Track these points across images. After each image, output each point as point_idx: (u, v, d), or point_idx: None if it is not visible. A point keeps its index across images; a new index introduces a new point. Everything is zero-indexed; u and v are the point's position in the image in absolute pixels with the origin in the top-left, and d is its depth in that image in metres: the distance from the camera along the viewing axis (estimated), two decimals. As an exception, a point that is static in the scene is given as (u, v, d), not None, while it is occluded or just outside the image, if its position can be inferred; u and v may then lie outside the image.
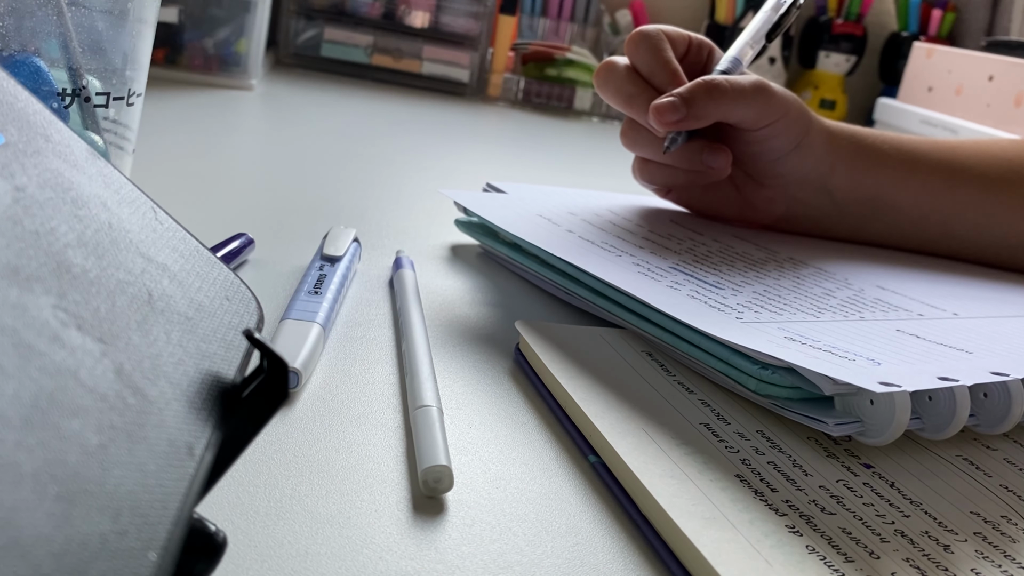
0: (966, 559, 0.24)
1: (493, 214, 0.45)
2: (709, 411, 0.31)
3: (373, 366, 0.33)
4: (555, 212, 0.47)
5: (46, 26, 0.36)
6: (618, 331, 0.37)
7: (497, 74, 1.18)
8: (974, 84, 1.08)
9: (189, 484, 0.15)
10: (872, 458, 0.30)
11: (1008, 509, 0.28)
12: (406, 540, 0.23)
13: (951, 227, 0.53)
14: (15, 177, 0.16)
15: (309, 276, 0.38)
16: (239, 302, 0.21)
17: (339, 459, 0.27)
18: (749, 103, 0.45)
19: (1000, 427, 0.32)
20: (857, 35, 1.37)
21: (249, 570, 0.21)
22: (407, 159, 0.73)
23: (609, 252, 0.41)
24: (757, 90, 0.46)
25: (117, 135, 0.40)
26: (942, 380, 0.30)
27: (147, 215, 0.20)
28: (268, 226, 0.48)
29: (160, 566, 0.13)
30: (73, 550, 0.11)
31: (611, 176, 0.81)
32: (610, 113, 1.19)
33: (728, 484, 0.26)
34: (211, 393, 0.17)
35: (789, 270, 0.44)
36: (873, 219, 0.52)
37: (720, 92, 0.45)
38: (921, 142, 0.54)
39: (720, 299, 0.37)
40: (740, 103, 0.45)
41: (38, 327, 0.13)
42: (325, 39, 1.14)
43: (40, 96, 0.34)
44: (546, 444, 0.29)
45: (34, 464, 0.12)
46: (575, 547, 0.24)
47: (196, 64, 0.93)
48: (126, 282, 0.17)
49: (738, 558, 0.22)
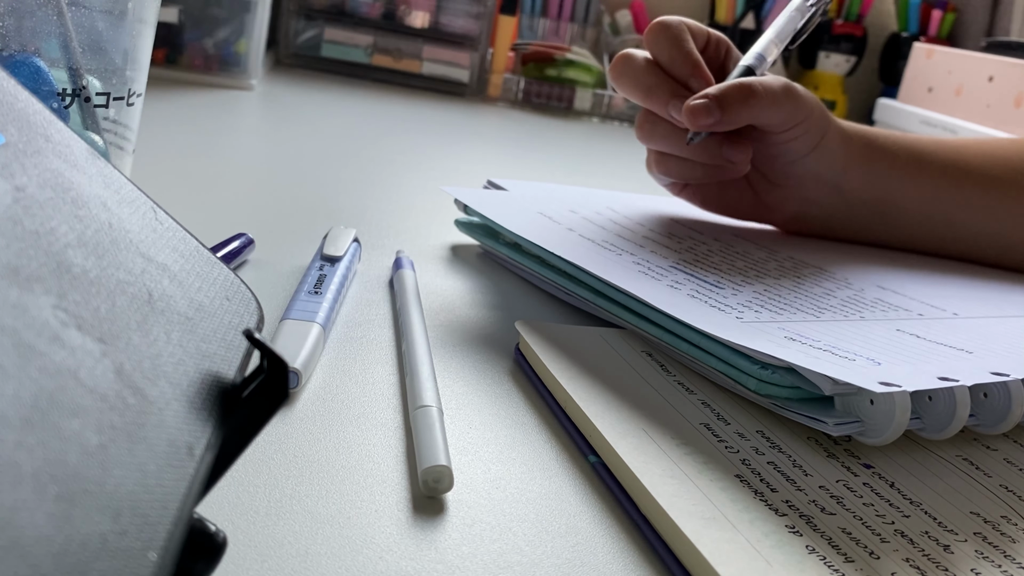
0: (966, 559, 0.24)
1: (494, 211, 0.45)
2: (709, 411, 0.31)
3: (373, 366, 0.33)
4: (556, 210, 0.47)
5: (46, 26, 0.36)
6: (618, 331, 0.37)
7: (497, 74, 1.18)
8: (974, 85, 1.08)
9: (189, 484, 0.15)
10: (872, 458, 0.30)
11: (1008, 509, 0.28)
12: (406, 540, 0.23)
13: (956, 228, 0.53)
14: (15, 177, 0.16)
15: (309, 276, 0.38)
16: (239, 302, 0.21)
17: (339, 459, 0.27)
18: (780, 107, 0.45)
19: (1000, 427, 0.32)
20: (857, 35, 1.37)
21: (249, 570, 0.21)
22: (407, 159, 0.73)
23: (609, 251, 0.41)
24: (787, 94, 0.45)
25: (117, 135, 0.40)
26: (942, 380, 0.30)
27: (147, 215, 0.20)
28: (268, 226, 0.48)
29: (160, 566, 0.13)
30: (73, 550, 0.11)
31: (611, 176, 0.81)
32: (610, 113, 1.19)
33: (728, 484, 0.26)
34: (211, 393, 0.17)
35: (790, 270, 0.44)
36: (880, 219, 0.52)
37: (755, 96, 0.44)
38: (928, 142, 0.54)
39: (720, 298, 0.37)
40: (773, 107, 0.45)
41: (38, 327, 0.13)
42: (325, 39, 1.14)
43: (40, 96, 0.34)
44: (546, 444, 0.29)
45: (34, 464, 0.12)
46: (575, 547, 0.24)
47: (196, 64, 0.93)
48: (126, 282, 0.17)
49: (738, 558, 0.22)
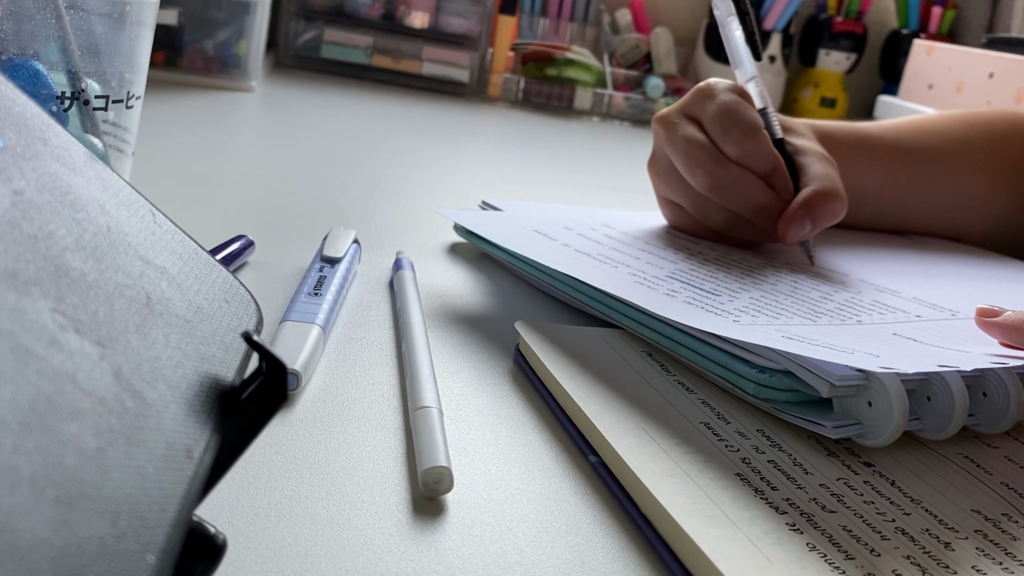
0: (967, 557, 0.24)
1: (490, 232, 0.45)
2: (709, 410, 0.31)
3: (373, 367, 0.33)
4: (551, 228, 0.47)
5: (45, 29, 0.36)
6: (618, 331, 0.37)
7: (497, 74, 1.18)
8: (974, 81, 1.08)
9: (188, 487, 0.15)
10: (873, 456, 0.30)
11: (1009, 507, 0.28)
12: (406, 541, 0.23)
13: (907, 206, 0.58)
14: (13, 181, 0.16)
15: (309, 277, 0.38)
16: (238, 304, 0.21)
17: (339, 460, 0.27)
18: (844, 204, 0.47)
19: (999, 426, 0.31)
20: (857, 33, 1.36)
21: (249, 572, 0.21)
22: (407, 160, 0.73)
23: (605, 264, 0.41)
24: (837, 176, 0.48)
25: (116, 138, 0.41)
26: (942, 366, 0.30)
27: (146, 218, 0.20)
28: (268, 228, 0.48)
29: (159, 569, 0.13)
30: (71, 554, 0.11)
31: (611, 175, 0.81)
32: (610, 112, 1.19)
33: (728, 483, 0.26)
34: (210, 395, 0.17)
35: (786, 275, 0.44)
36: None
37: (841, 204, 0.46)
38: (874, 128, 0.58)
39: (717, 304, 0.37)
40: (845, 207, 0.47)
41: (36, 331, 0.13)
42: (325, 40, 1.14)
43: (39, 99, 0.34)
44: (546, 444, 0.29)
45: (32, 468, 0.12)
46: (575, 547, 0.24)
47: (196, 66, 0.93)
48: (124, 285, 0.17)
49: (739, 556, 0.22)
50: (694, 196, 0.48)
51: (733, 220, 0.48)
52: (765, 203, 0.46)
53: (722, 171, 0.46)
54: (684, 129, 0.47)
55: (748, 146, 0.46)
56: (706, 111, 0.47)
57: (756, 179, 0.46)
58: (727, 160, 0.46)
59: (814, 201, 0.45)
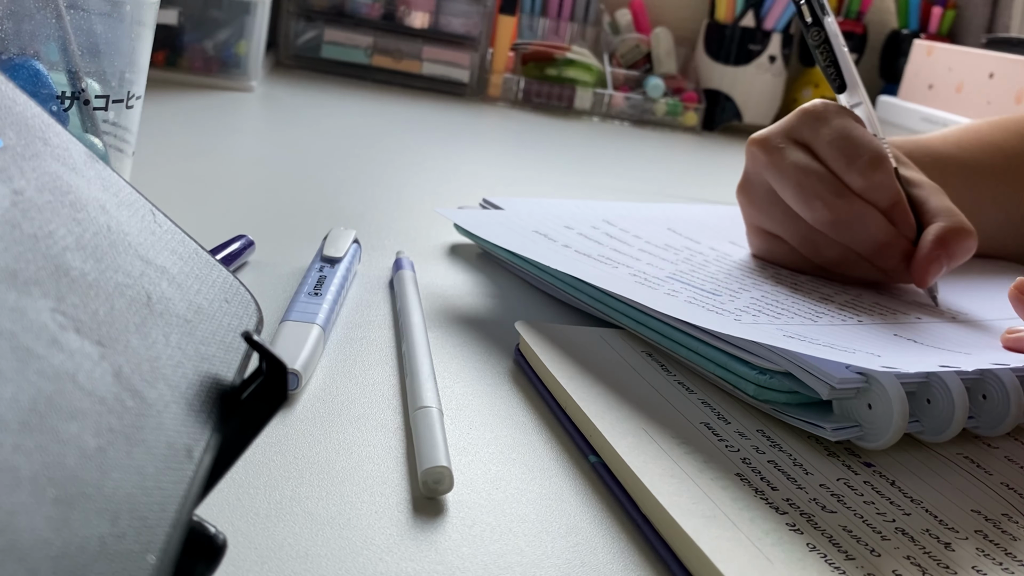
0: (967, 557, 0.24)
1: (490, 233, 0.45)
2: (709, 410, 0.31)
3: (373, 367, 0.33)
4: (551, 227, 0.47)
5: (45, 29, 0.36)
6: (618, 331, 0.37)
7: (497, 74, 1.18)
8: (975, 81, 1.08)
9: (188, 486, 0.15)
10: (873, 456, 0.30)
11: (1009, 507, 0.28)
12: (406, 541, 0.23)
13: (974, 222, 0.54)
14: (13, 181, 0.16)
15: (309, 277, 0.38)
16: (238, 304, 0.21)
17: (339, 460, 0.27)
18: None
19: (999, 429, 0.31)
20: (857, 33, 1.36)
21: (249, 572, 0.21)
22: (407, 160, 0.73)
23: (605, 265, 0.41)
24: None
25: (117, 137, 0.41)
26: (943, 366, 0.30)
27: (146, 218, 0.20)
28: (268, 227, 0.48)
29: (159, 569, 0.13)
30: (71, 553, 0.11)
31: (611, 175, 0.81)
32: (610, 112, 1.19)
33: (729, 483, 0.26)
34: (210, 395, 0.17)
35: (787, 276, 0.44)
36: None
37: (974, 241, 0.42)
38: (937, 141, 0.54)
39: (718, 303, 0.37)
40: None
41: (36, 330, 0.13)
42: (325, 40, 1.14)
43: (39, 99, 0.34)
44: (546, 444, 0.29)
45: (32, 467, 0.12)
46: (575, 547, 0.24)
47: (196, 66, 0.93)
48: (125, 285, 0.17)
49: (739, 556, 0.22)
50: (803, 229, 0.43)
51: (848, 257, 0.43)
52: (886, 240, 0.42)
53: (845, 205, 0.41)
54: (794, 155, 0.42)
55: (875, 178, 0.41)
56: (820, 136, 0.42)
57: (879, 214, 0.42)
58: (850, 192, 0.42)
59: (949, 239, 0.41)
